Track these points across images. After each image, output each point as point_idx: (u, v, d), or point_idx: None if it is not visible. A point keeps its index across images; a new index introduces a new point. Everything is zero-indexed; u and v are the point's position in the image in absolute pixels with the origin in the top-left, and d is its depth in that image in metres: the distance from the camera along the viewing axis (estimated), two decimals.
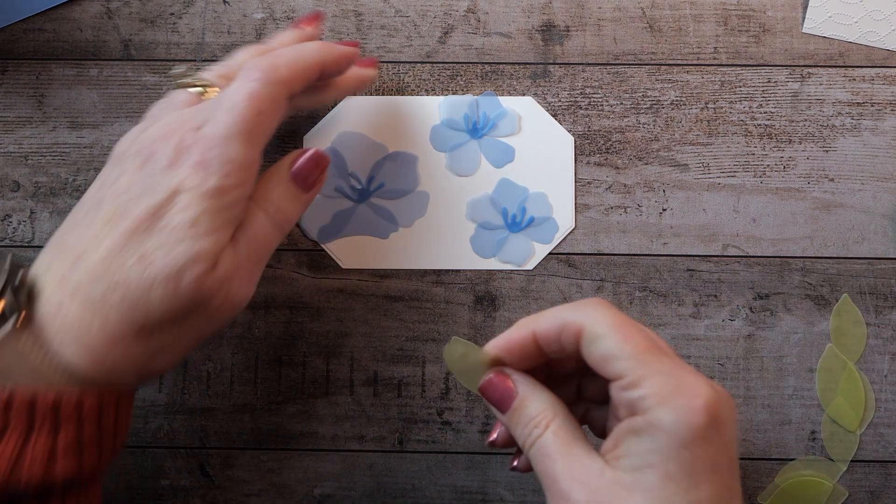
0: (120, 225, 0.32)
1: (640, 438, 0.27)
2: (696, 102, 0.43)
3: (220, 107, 0.33)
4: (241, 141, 0.32)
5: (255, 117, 0.33)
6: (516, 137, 0.43)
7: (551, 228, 0.43)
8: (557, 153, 0.43)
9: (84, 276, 0.31)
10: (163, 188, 0.32)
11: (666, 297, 0.42)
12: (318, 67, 0.36)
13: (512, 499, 0.41)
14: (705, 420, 0.27)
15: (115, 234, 0.31)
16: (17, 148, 0.43)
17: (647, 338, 0.29)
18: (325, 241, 0.42)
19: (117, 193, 0.32)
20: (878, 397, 0.41)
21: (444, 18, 0.44)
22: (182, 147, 0.32)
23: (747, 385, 0.42)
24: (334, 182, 0.43)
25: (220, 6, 0.44)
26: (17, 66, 0.43)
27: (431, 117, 0.43)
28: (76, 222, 0.33)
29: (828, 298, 0.42)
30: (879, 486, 0.41)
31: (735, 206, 0.43)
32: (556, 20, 0.44)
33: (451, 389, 0.42)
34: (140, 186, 0.32)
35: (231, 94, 0.33)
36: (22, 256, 0.42)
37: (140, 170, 0.33)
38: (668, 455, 0.27)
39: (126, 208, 0.32)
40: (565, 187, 0.43)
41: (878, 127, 0.43)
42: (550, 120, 0.43)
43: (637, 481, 0.27)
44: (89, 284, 0.31)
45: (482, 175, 0.43)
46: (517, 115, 0.43)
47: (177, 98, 0.36)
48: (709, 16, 0.44)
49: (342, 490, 0.41)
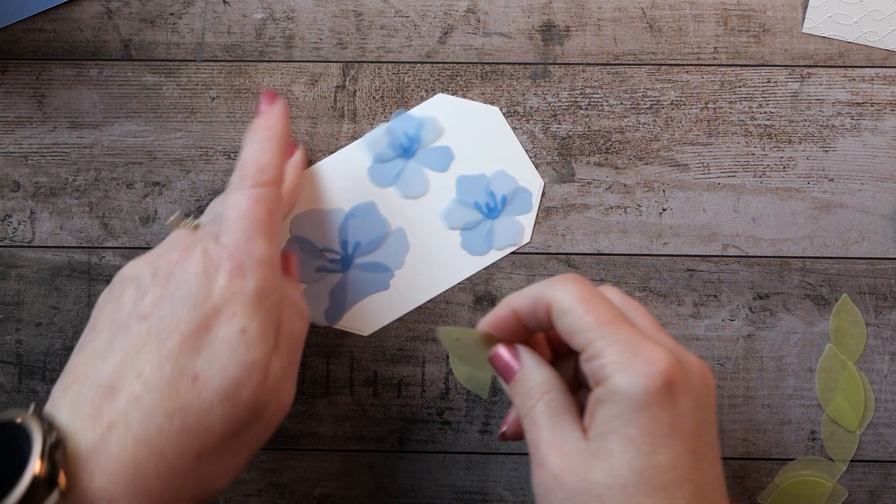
0: (162, 347, 0.29)
1: (604, 406, 0.28)
2: (696, 102, 0.43)
3: (229, 216, 0.32)
4: (264, 240, 0.32)
5: (268, 216, 0.32)
6: (446, 136, 0.43)
7: (525, 196, 0.43)
8: (491, 127, 0.43)
9: (128, 409, 0.28)
10: (203, 301, 0.30)
11: (666, 297, 0.42)
12: (282, 142, 0.35)
13: (512, 499, 0.41)
14: (660, 384, 0.28)
15: (156, 357, 0.29)
16: (17, 148, 0.43)
17: (610, 310, 0.30)
18: (336, 322, 0.42)
19: (144, 315, 0.30)
20: (877, 397, 0.41)
21: (444, 18, 0.44)
22: (209, 258, 0.31)
23: (747, 385, 0.42)
24: (313, 265, 0.42)
25: (220, 6, 0.44)
26: (17, 66, 0.43)
27: (361, 163, 0.43)
28: (94, 352, 0.30)
29: (827, 298, 0.42)
30: (879, 486, 0.41)
31: (735, 206, 0.43)
32: (556, 20, 0.44)
33: (450, 389, 0.42)
34: (173, 304, 0.30)
35: (235, 202, 0.32)
36: (22, 256, 0.42)
37: (166, 287, 0.30)
38: (627, 419, 0.28)
39: (162, 328, 0.29)
40: (516, 152, 0.43)
41: (878, 127, 0.43)
42: (467, 102, 0.43)
43: (602, 447, 0.28)
44: (139, 420, 0.28)
45: (438, 185, 0.43)
46: (433, 117, 0.43)
47: (176, 235, 0.34)
48: (709, 16, 0.44)
49: (342, 490, 0.41)
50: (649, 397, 0.27)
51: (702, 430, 0.29)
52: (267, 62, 0.44)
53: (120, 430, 0.28)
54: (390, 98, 0.43)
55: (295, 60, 0.44)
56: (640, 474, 0.27)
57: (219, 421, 0.29)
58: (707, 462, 0.29)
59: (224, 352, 0.29)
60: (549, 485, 0.28)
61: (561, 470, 0.28)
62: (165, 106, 0.43)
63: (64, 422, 0.28)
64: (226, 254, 0.31)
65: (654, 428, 0.28)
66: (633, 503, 0.27)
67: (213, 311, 0.30)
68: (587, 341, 0.29)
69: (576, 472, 0.28)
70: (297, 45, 0.44)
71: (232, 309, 0.30)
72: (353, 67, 0.44)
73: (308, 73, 0.43)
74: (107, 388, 0.29)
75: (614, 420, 0.28)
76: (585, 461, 0.28)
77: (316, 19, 0.44)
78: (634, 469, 0.27)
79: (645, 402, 0.27)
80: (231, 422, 0.30)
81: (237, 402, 0.30)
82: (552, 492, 0.28)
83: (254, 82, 0.43)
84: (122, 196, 0.43)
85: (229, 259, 0.31)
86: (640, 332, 0.29)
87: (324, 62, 0.44)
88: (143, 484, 0.28)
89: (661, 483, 0.27)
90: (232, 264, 0.31)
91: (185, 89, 0.43)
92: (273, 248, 0.32)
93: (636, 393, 0.28)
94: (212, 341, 0.30)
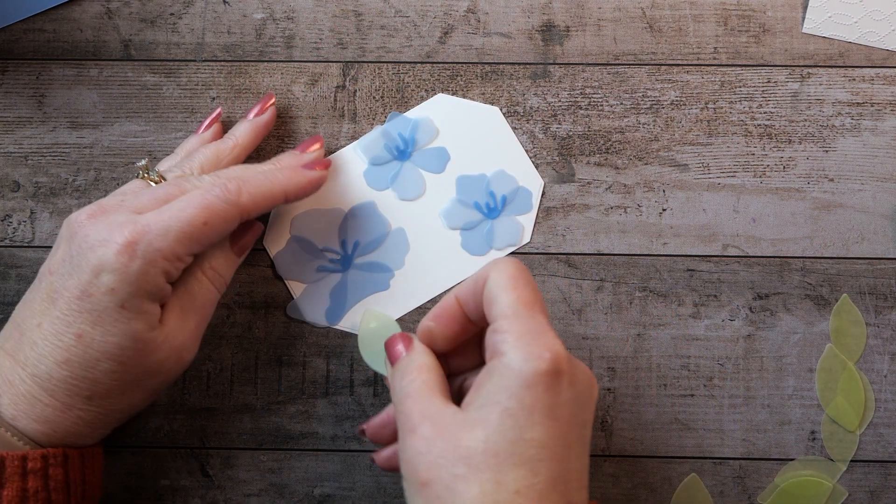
0: (55, 304, 0.33)
1: (492, 378, 0.30)
2: (696, 102, 0.43)
3: (174, 203, 0.34)
4: (178, 240, 0.34)
5: (201, 226, 0.34)
6: (442, 137, 0.43)
7: (525, 196, 0.43)
8: (491, 128, 0.43)
9: (30, 352, 0.33)
10: (89, 269, 0.33)
11: (666, 297, 0.42)
12: (283, 197, 0.37)
13: None
14: (549, 368, 0.29)
15: (51, 313, 0.33)
16: (17, 148, 0.43)
17: (533, 295, 0.31)
18: (337, 322, 0.42)
19: (51, 270, 0.34)
20: (877, 397, 0.41)
21: (444, 18, 0.44)
22: (114, 226, 0.33)
23: (747, 385, 0.42)
24: (314, 265, 0.42)
25: (220, 6, 0.44)
26: (17, 66, 0.43)
27: (357, 165, 0.43)
28: (28, 296, 0.35)
29: (827, 298, 0.42)
30: (879, 486, 0.41)
31: (735, 206, 0.43)
32: (556, 20, 0.44)
33: None
34: (70, 265, 0.33)
35: (188, 197, 0.35)
36: (21, 256, 0.42)
37: (71, 245, 0.34)
38: (511, 393, 0.29)
39: (57, 286, 0.33)
40: (516, 153, 0.43)
41: (878, 127, 0.43)
42: (467, 102, 0.43)
43: (480, 417, 0.29)
44: (36, 362, 0.33)
45: (436, 186, 0.43)
46: (428, 118, 0.43)
47: (130, 186, 0.37)
48: (709, 16, 0.44)
49: (342, 490, 0.41)
50: (536, 378, 0.29)
51: (577, 423, 0.30)
52: (267, 62, 0.44)
53: (20, 366, 0.33)
54: (390, 98, 0.43)
55: (295, 60, 0.44)
56: (512, 445, 0.29)
57: (105, 374, 0.33)
58: (576, 452, 0.30)
59: (106, 320, 0.33)
60: (418, 448, 0.30)
61: (432, 435, 0.30)
62: (165, 106, 0.43)
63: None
64: (131, 228, 0.33)
65: (534, 406, 0.29)
66: (501, 470, 0.28)
67: (94, 278, 0.33)
68: (501, 315, 0.31)
69: (449, 437, 0.29)
70: (297, 45, 0.44)
71: (112, 280, 0.33)
72: (353, 67, 0.44)
73: (308, 73, 0.43)
74: (20, 331, 0.34)
75: (500, 393, 0.29)
76: (460, 428, 0.29)
77: (316, 19, 0.44)
78: (508, 439, 0.29)
79: (532, 381, 0.29)
80: (119, 376, 0.34)
81: (123, 362, 0.33)
82: (420, 454, 0.30)
83: (254, 82, 0.43)
84: None
85: (130, 234, 0.33)
86: (547, 324, 0.31)
87: (324, 62, 0.44)
88: (39, 413, 0.33)
89: (529, 456, 0.29)
90: (128, 239, 0.33)
91: (185, 89, 0.43)
92: (182, 249, 0.34)
93: (526, 371, 0.29)
94: (94, 307, 0.33)
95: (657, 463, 0.41)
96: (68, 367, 0.33)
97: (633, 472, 0.41)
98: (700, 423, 0.41)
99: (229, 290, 0.41)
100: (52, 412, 0.33)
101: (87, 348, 0.33)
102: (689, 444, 0.41)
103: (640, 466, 0.41)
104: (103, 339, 0.33)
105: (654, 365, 0.42)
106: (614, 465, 0.41)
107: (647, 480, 0.41)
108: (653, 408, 0.41)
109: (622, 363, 0.42)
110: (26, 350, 0.33)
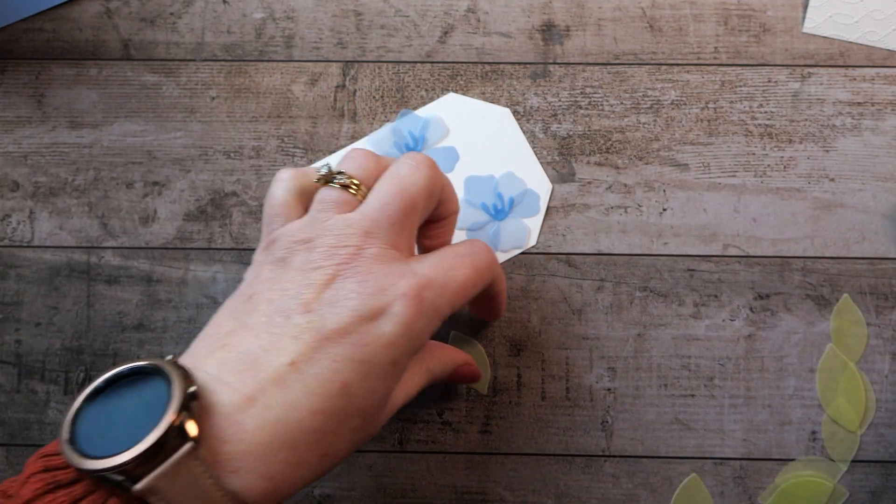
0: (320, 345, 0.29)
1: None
2: (696, 102, 0.43)
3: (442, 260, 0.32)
4: (451, 303, 0.31)
5: (471, 288, 0.33)
6: (452, 136, 0.43)
7: (533, 199, 0.43)
8: (501, 129, 0.43)
9: (273, 391, 0.27)
10: (370, 317, 0.29)
11: (666, 297, 0.42)
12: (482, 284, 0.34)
13: (512, 499, 0.41)
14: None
15: (313, 355, 0.28)
16: (17, 148, 0.43)
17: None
18: None
19: (308, 308, 0.29)
20: (878, 397, 0.41)
21: (444, 18, 0.44)
22: (392, 273, 0.30)
23: (748, 385, 0.42)
24: None
25: (220, 6, 0.44)
26: (16, 66, 0.43)
27: None
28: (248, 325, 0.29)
29: (828, 298, 0.42)
30: (880, 487, 0.41)
31: (735, 206, 0.43)
32: (556, 20, 0.44)
33: (450, 389, 0.42)
34: (341, 308, 0.29)
35: (456, 252, 0.33)
36: (21, 256, 0.42)
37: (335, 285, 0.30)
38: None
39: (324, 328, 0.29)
40: (526, 155, 0.43)
41: (879, 127, 0.43)
42: (478, 103, 0.43)
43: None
44: (282, 406, 0.27)
45: None
46: (439, 117, 0.43)
47: (329, 195, 0.32)
48: (709, 15, 0.44)
49: (342, 490, 0.41)
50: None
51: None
52: (267, 62, 0.44)
53: (259, 408, 0.27)
54: (390, 98, 0.43)
55: (295, 60, 0.44)
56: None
57: (351, 432, 0.29)
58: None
59: (375, 374, 0.29)
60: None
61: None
62: (165, 106, 0.43)
63: (203, 378, 0.27)
64: (415, 283, 0.30)
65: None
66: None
67: (369, 324, 0.29)
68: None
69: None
70: (297, 45, 0.44)
71: (394, 333, 0.29)
72: (353, 67, 0.44)
73: (308, 72, 0.43)
74: (253, 362, 0.28)
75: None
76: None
77: (316, 19, 0.44)
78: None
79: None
80: (358, 436, 0.30)
81: (369, 422, 0.30)
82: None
83: (254, 82, 0.43)
84: (121, 196, 0.43)
85: (417, 286, 0.30)
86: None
87: (324, 62, 0.44)
88: (270, 465, 0.27)
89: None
90: (416, 291, 0.30)
91: (184, 89, 0.43)
92: (450, 313, 0.32)
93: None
94: (370, 358, 0.29)
95: (657, 463, 0.41)
96: (323, 418, 0.28)
97: (634, 472, 0.41)
98: (700, 424, 0.41)
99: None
100: (285, 471, 0.27)
101: (350, 400, 0.28)
102: (690, 444, 0.41)
103: (640, 467, 0.41)
104: (365, 395, 0.29)
105: (655, 365, 0.42)
106: (614, 466, 0.41)
107: (648, 481, 0.41)
108: (653, 408, 0.41)
109: (622, 363, 0.42)
110: (267, 385, 0.27)
